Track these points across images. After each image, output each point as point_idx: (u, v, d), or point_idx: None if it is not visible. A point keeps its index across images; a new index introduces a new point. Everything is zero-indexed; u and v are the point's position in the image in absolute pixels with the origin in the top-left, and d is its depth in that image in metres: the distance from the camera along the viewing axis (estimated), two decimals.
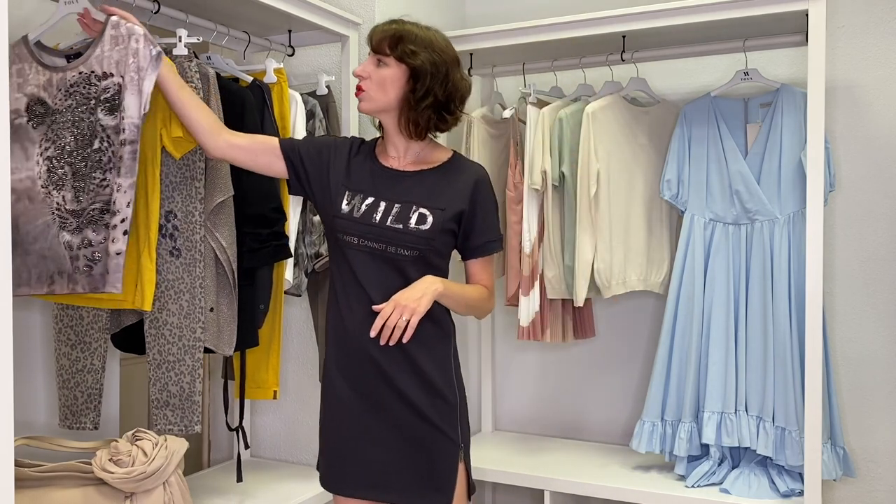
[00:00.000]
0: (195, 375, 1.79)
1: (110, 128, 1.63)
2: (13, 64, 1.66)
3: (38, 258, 1.63)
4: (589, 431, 2.81)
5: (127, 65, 1.63)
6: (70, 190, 1.64)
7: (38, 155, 1.65)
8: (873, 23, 2.40)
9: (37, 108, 1.65)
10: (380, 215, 1.71)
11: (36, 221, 1.64)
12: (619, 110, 2.40)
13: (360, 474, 1.75)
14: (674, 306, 2.33)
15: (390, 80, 1.70)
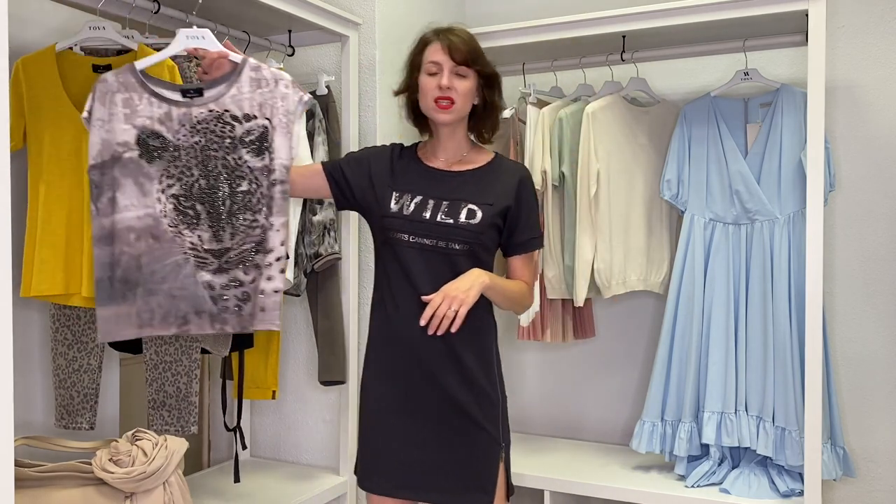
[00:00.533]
0: (192, 376, 1.79)
1: (258, 169, 1.66)
2: (118, 93, 1.62)
3: (165, 298, 1.64)
4: (589, 431, 2.80)
5: (274, 108, 1.67)
6: (207, 230, 1.64)
7: (158, 192, 1.63)
8: (873, 23, 2.40)
9: (150, 142, 1.63)
10: (430, 212, 1.75)
11: (164, 261, 1.64)
12: (619, 110, 2.40)
13: (402, 475, 1.76)
14: (674, 306, 2.33)
15: (472, 91, 1.78)
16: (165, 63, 1.72)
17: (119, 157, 1.62)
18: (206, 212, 1.64)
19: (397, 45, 2.51)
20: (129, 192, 1.62)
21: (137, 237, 1.63)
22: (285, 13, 2.04)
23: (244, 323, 1.66)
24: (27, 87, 1.73)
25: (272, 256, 1.66)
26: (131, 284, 1.63)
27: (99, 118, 1.61)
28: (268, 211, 1.66)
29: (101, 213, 1.62)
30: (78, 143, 1.74)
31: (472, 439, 1.76)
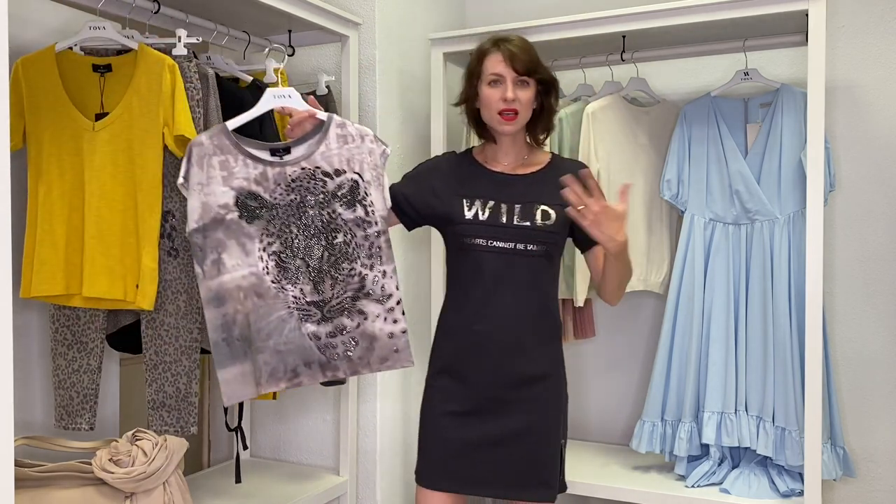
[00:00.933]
0: (192, 376, 1.79)
1: (351, 220, 1.74)
2: (214, 156, 1.68)
3: (271, 354, 1.69)
4: (589, 431, 2.80)
5: (363, 163, 1.75)
6: (308, 282, 1.71)
7: (260, 251, 1.69)
8: (873, 23, 2.40)
9: (249, 203, 1.69)
10: (505, 216, 1.80)
11: (269, 318, 1.69)
12: (619, 110, 2.40)
13: (467, 470, 1.80)
14: (674, 306, 2.33)
15: (532, 99, 1.82)
16: (166, 62, 1.72)
17: (222, 219, 1.68)
18: (306, 265, 1.71)
19: (397, 45, 2.51)
20: (233, 253, 1.68)
21: (245, 296, 1.68)
22: (285, 13, 2.04)
23: (355, 367, 1.75)
24: (27, 87, 1.73)
25: (393, 301, 1.75)
26: (248, 342, 1.70)
27: (198, 182, 1.67)
28: (373, 261, 1.75)
29: (208, 275, 1.68)
30: (77, 142, 1.74)
31: (538, 436, 1.81)
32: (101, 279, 1.73)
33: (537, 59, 1.82)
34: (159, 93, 1.72)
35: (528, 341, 1.81)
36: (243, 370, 1.69)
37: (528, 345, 1.80)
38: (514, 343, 1.79)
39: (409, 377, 2.54)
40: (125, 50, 1.79)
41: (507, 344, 1.79)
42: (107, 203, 1.73)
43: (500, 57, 1.78)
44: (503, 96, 1.77)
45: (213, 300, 1.67)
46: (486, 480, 1.82)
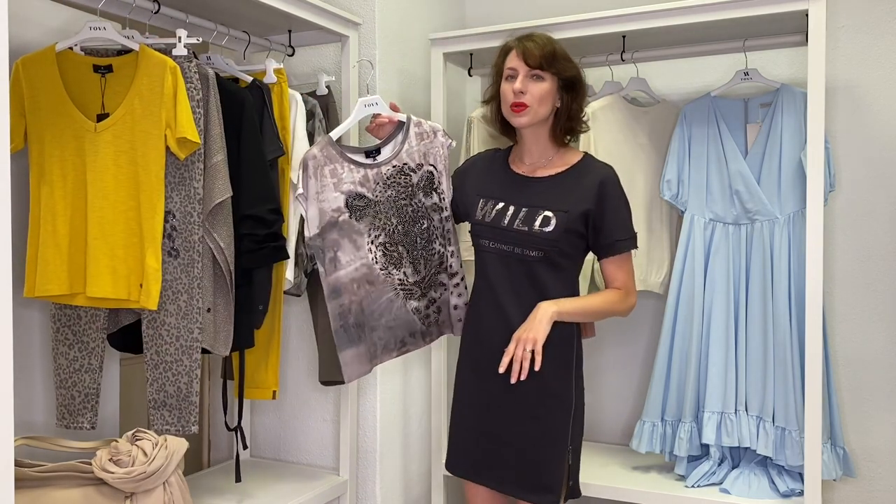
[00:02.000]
0: (193, 376, 1.79)
1: (429, 207, 1.97)
2: (325, 166, 1.87)
3: (384, 330, 1.94)
4: (589, 431, 2.79)
5: (437, 155, 1.99)
6: (409, 266, 1.95)
7: (369, 244, 1.91)
8: (873, 23, 2.40)
9: (356, 203, 1.90)
10: (508, 219, 1.84)
11: (379, 300, 1.93)
12: (619, 110, 2.40)
13: (480, 464, 1.88)
14: (674, 306, 2.33)
15: (549, 94, 1.83)
16: (168, 64, 1.72)
17: (336, 221, 1.88)
18: (406, 251, 1.95)
19: (397, 45, 2.51)
20: (347, 250, 1.89)
21: (358, 286, 1.90)
22: (285, 13, 2.04)
23: (443, 329, 2.02)
24: (27, 87, 1.73)
25: (459, 277, 2.01)
26: (361, 327, 1.91)
27: (315, 192, 1.87)
28: (447, 241, 1.99)
29: (328, 272, 1.88)
30: (80, 143, 1.74)
31: (541, 439, 1.81)
32: (105, 279, 1.73)
33: (555, 55, 1.82)
34: (161, 95, 1.72)
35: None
36: (359, 352, 1.91)
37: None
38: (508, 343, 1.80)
39: (409, 377, 2.54)
40: (126, 50, 1.79)
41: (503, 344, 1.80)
42: (109, 204, 1.74)
43: (516, 52, 1.84)
44: (513, 88, 1.82)
45: (332, 293, 1.88)
46: (492, 474, 1.85)
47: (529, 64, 1.81)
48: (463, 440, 1.92)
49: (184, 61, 1.77)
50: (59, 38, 1.79)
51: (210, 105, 1.81)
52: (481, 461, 1.88)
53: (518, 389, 1.78)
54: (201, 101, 1.78)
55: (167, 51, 1.78)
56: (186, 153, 1.75)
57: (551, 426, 1.81)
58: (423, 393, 2.61)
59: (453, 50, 2.41)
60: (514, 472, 1.83)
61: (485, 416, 1.87)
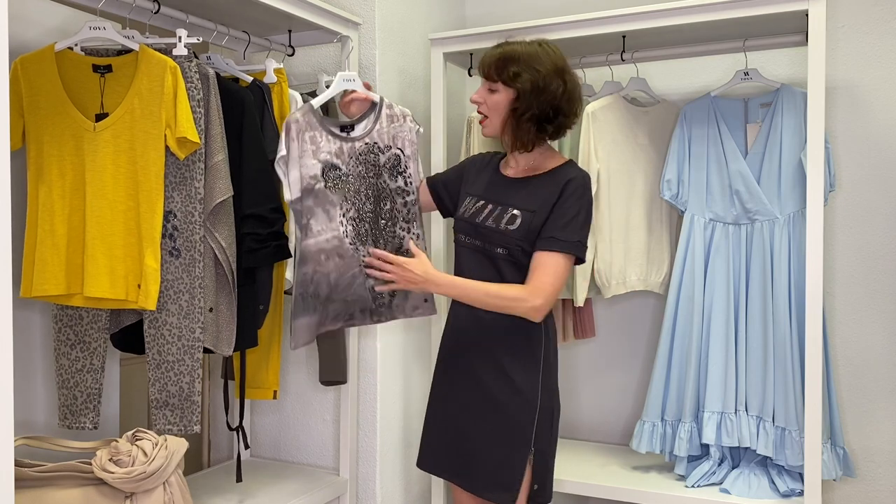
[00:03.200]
0: (194, 376, 1.79)
1: (395, 190, 2.00)
2: (307, 131, 1.90)
3: (341, 304, 1.95)
4: (588, 431, 2.81)
5: (404, 139, 2.02)
6: (371, 244, 1.97)
7: (340, 216, 1.92)
8: (873, 23, 2.40)
9: (331, 173, 1.92)
10: (483, 216, 1.86)
11: (346, 274, 1.93)
12: (619, 110, 2.40)
13: (445, 459, 1.91)
14: (674, 306, 2.33)
15: (502, 104, 1.83)
16: (168, 65, 1.72)
17: (312, 188, 1.90)
18: (371, 228, 1.96)
19: (397, 46, 2.51)
20: (320, 219, 1.90)
21: (327, 257, 1.91)
22: (285, 13, 2.04)
23: (395, 313, 2.01)
24: (26, 86, 1.73)
25: None
26: (321, 298, 1.92)
27: (297, 155, 1.89)
28: (409, 224, 2.00)
29: (298, 239, 1.90)
30: (78, 143, 1.74)
31: (502, 436, 1.81)
32: (103, 279, 1.73)
33: (507, 63, 1.78)
34: (161, 95, 1.72)
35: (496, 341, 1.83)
36: (310, 321, 1.93)
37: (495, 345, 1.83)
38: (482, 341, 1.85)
39: (409, 377, 2.54)
40: (125, 50, 1.79)
41: (474, 340, 1.86)
42: (108, 203, 1.73)
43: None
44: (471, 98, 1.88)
45: (300, 261, 1.90)
46: (455, 470, 1.89)
47: (482, 74, 1.85)
48: (430, 435, 1.96)
49: (184, 61, 1.77)
50: (59, 38, 1.79)
51: (210, 105, 1.81)
52: (445, 456, 1.91)
53: (483, 385, 1.82)
54: (202, 100, 1.77)
55: (167, 51, 1.78)
56: (186, 153, 1.75)
57: (513, 424, 1.80)
58: (423, 393, 2.61)
59: (453, 50, 2.41)
60: (472, 467, 1.85)
61: (450, 411, 1.90)
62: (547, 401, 1.84)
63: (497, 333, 1.83)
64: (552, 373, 1.86)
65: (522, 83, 1.77)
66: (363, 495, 2.41)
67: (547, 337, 1.85)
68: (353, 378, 2.32)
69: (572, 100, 1.82)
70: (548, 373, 1.85)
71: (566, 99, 1.81)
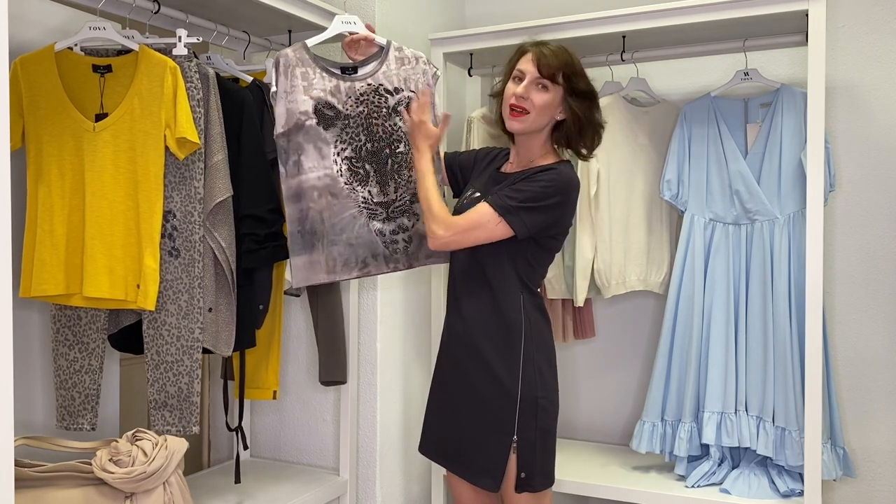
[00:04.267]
0: (193, 376, 1.79)
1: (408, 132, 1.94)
2: (297, 67, 1.85)
3: (345, 246, 1.91)
4: (589, 431, 2.80)
5: (417, 81, 1.98)
6: (375, 185, 1.93)
7: (334, 155, 1.89)
8: (873, 23, 2.40)
9: (325, 112, 1.88)
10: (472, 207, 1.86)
11: (342, 214, 1.90)
12: (619, 110, 2.40)
13: (439, 445, 1.98)
14: (674, 306, 2.33)
15: (550, 105, 1.82)
16: (168, 65, 1.72)
17: (302, 124, 1.86)
18: (374, 170, 1.92)
19: None
20: (311, 156, 1.86)
21: (319, 195, 1.87)
22: (285, 13, 2.04)
23: (411, 260, 1.99)
24: (26, 86, 1.73)
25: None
26: (318, 236, 1.89)
27: (283, 90, 1.84)
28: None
29: (289, 174, 1.86)
30: (78, 143, 1.74)
31: (484, 425, 1.86)
32: (102, 279, 1.72)
33: (571, 69, 1.81)
34: (161, 95, 1.72)
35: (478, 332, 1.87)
36: (311, 259, 1.89)
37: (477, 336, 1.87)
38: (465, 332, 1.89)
39: (409, 377, 2.54)
40: (125, 50, 1.79)
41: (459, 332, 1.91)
42: (108, 203, 1.73)
43: (531, 56, 1.83)
44: (515, 91, 1.82)
45: (292, 197, 1.86)
46: (448, 455, 1.95)
47: (541, 72, 1.80)
48: (428, 422, 2.01)
49: (184, 61, 1.77)
50: (59, 38, 1.79)
51: (210, 105, 1.81)
52: (439, 442, 1.97)
53: (468, 375, 1.88)
54: (201, 100, 1.77)
55: (167, 51, 1.78)
56: (186, 153, 1.75)
57: (493, 414, 1.84)
58: (423, 393, 2.60)
59: (453, 50, 2.41)
60: (461, 454, 1.91)
61: (442, 400, 1.97)
62: (529, 390, 1.83)
63: (481, 326, 1.87)
64: (535, 363, 1.85)
65: (583, 90, 1.83)
66: (363, 495, 2.41)
67: (528, 328, 1.85)
68: (353, 378, 2.32)
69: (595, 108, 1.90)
70: (529, 363, 1.84)
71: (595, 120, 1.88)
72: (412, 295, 2.53)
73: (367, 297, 2.39)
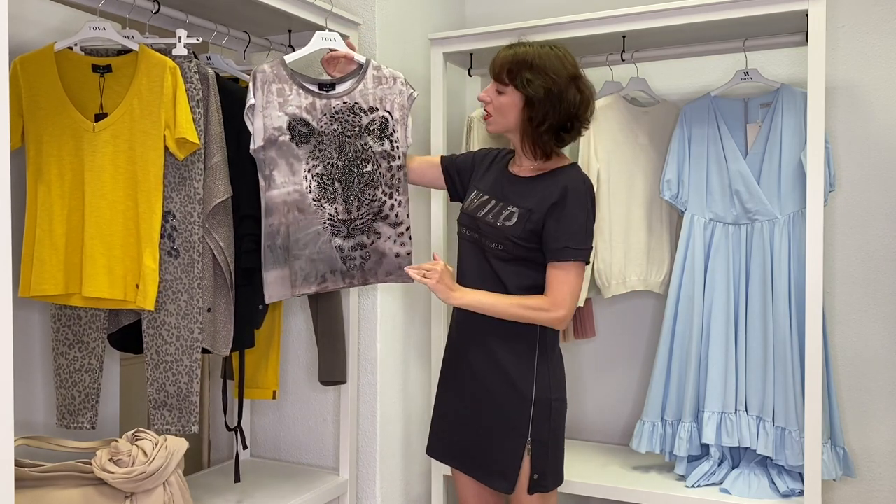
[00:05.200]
0: (193, 376, 1.79)
1: (379, 153, 1.97)
2: (274, 83, 1.88)
3: (306, 262, 1.91)
4: (589, 431, 2.80)
5: (394, 102, 1.99)
6: (341, 203, 1.94)
7: (305, 171, 1.90)
8: (873, 23, 2.40)
9: (299, 128, 1.90)
10: (483, 211, 1.88)
11: (307, 230, 1.91)
12: (619, 110, 2.40)
13: (449, 447, 1.96)
14: (674, 306, 2.33)
15: (508, 107, 1.83)
16: (168, 65, 1.72)
17: (275, 139, 1.88)
18: (342, 188, 1.94)
19: (397, 46, 2.51)
20: (283, 171, 1.88)
21: (288, 210, 1.89)
22: (285, 13, 2.04)
23: (367, 276, 2.00)
24: (25, 86, 1.73)
25: (403, 227, 2.01)
26: (287, 250, 1.90)
27: (261, 105, 1.87)
28: (393, 189, 1.98)
29: (263, 189, 1.88)
30: (78, 143, 1.74)
31: (497, 426, 1.85)
32: (102, 279, 1.73)
33: (519, 69, 1.78)
34: (160, 95, 1.72)
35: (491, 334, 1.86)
36: (282, 274, 1.90)
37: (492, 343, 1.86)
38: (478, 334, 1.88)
39: (409, 377, 2.54)
40: (125, 50, 1.79)
41: (471, 334, 1.89)
42: (107, 203, 1.73)
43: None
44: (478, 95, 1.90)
45: (266, 211, 1.88)
46: (461, 457, 1.93)
47: (491, 74, 1.85)
48: (436, 423, 2.00)
49: (184, 61, 1.77)
50: (59, 38, 1.79)
51: (210, 105, 1.81)
52: (450, 444, 1.95)
53: (480, 377, 1.87)
54: (201, 101, 1.78)
55: (167, 51, 1.78)
56: (185, 154, 1.75)
57: (508, 415, 1.84)
58: (423, 393, 2.61)
59: (453, 50, 2.41)
60: (473, 456, 1.90)
61: (452, 401, 1.95)
62: (543, 392, 1.84)
63: (493, 326, 1.85)
64: (549, 364, 1.86)
65: (535, 90, 1.77)
66: (363, 495, 2.41)
67: (542, 329, 1.85)
68: (353, 378, 2.32)
69: (588, 107, 1.84)
70: (544, 364, 1.85)
71: (583, 107, 1.82)
72: (412, 295, 2.53)
73: (367, 297, 2.39)
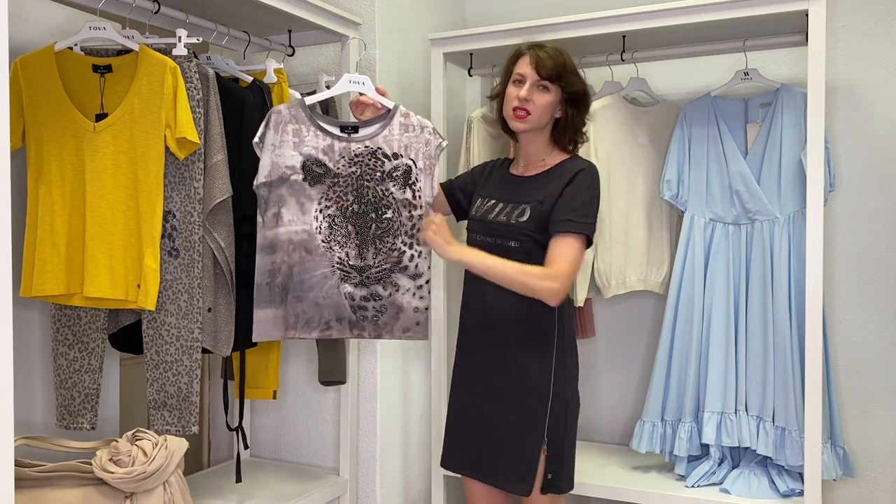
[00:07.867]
0: (193, 376, 1.79)
1: (401, 201, 1.91)
2: (290, 124, 1.88)
3: (310, 305, 1.88)
4: (589, 431, 2.80)
5: (419, 151, 1.94)
6: (354, 248, 1.89)
7: (316, 211, 1.88)
8: (873, 23, 2.40)
9: (314, 169, 1.88)
10: (494, 213, 1.90)
11: (314, 272, 1.88)
12: (619, 110, 2.40)
13: (464, 454, 1.94)
14: (674, 306, 2.33)
15: (551, 105, 1.87)
16: (168, 65, 1.72)
17: (287, 178, 1.86)
18: (356, 232, 1.89)
19: (397, 45, 2.51)
20: (292, 209, 1.86)
21: (294, 249, 1.86)
22: (285, 13, 2.04)
23: (381, 331, 1.91)
24: (26, 86, 1.73)
25: (423, 279, 1.92)
26: (286, 290, 1.87)
27: (271, 143, 1.86)
28: (413, 240, 1.91)
29: (266, 225, 1.86)
30: (78, 143, 1.74)
31: (515, 428, 1.84)
32: (103, 279, 1.73)
33: (566, 69, 1.86)
34: (161, 95, 1.72)
35: (506, 336, 1.85)
36: (276, 314, 1.86)
37: (511, 345, 1.85)
38: (491, 336, 1.88)
39: (409, 377, 2.54)
40: (125, 50, 1.79)
41: (489, 334, 1.88)
42: (108, 203, 1.74)
43: (528, 59, 1.87)
44: (518, 94, 1.86)
45: (266, 248, 1.85)
46: (477, 464, 1.90)
47: (540, 74, 1.85)
48: (453, 433, 1.98)
49: (184, 61, 1.77)
50: (59, 38, 1.79)
51: (210, 105, 1.81)
52: (467, 452, 1.93)
53: (498, 379, 1.86)
54: (201, 101, 1.78)
55: (167, 51, 1.78)
56: (186, 153, 1.75)
57: (526, 416, 1.83)
58: (423, 393, 2.61)
59: (453, 50, 2.41)
60: (489, 459, 1.88)
61: (469, 406, 1.93)
62: (562, 393, 1.85)
63: (509, 325, 1.85)
64: (567, 363, 1.87)
65: (578, 90, 1.88)
66: (363, 495, 2.41)
67: (561, 326, 1.86)
68: (352, 378, 2.32)
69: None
70: (562, 363, 1.86)
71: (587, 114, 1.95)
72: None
73: None
